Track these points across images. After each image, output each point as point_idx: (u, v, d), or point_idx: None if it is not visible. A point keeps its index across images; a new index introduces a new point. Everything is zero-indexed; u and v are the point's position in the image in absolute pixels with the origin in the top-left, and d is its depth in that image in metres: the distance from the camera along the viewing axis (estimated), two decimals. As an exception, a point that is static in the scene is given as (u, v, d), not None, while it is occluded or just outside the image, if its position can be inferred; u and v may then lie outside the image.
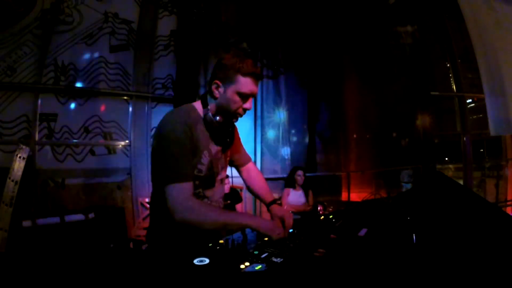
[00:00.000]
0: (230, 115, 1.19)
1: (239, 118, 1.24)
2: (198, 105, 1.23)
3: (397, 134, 5.31)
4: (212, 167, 1.24)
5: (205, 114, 1.18)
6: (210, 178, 1.25)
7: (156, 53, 4.36)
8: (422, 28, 4.87)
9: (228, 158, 1.40)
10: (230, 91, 1.13)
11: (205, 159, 1.20)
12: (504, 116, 3.32)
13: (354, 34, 5.08)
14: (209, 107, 1.19)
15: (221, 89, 1.15)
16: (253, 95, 1.17)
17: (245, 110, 1.18)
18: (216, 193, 1.30)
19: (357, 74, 5.30)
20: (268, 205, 1.42)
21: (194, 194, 1.14)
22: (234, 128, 1.34)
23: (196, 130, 1.15)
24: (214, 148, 1.23)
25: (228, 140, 1.28)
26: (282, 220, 1.24)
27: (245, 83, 1.12)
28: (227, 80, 1.13)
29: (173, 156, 1.08)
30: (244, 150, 1.56)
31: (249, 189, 1.55)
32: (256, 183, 1.53)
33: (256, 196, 1.52)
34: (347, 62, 5.30)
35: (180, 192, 1.06)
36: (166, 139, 1.10)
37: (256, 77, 1.15)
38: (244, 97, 1.15)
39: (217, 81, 1.15)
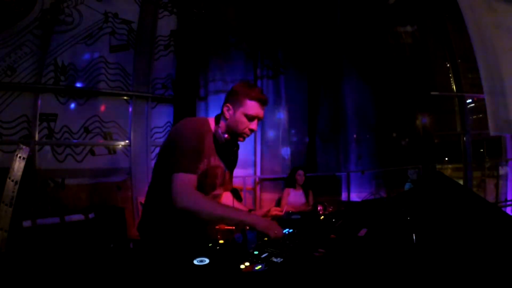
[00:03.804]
0: (238, 135, 1.33)
1: None
2: (211, 120, 1.38)
3: (397, 134, 5.30)
4: (206, 176, 1.31)
5: (216, 130, 1.33)
6: (201, 186, 1.29)
7: (156, 53, 4.36)
8: (422, 28, 4.86)
9: (227, 179, 1.47)
10: (239, 113, 1.29)
11: (203, 165, 1.29)
12: (504, 116, 3.32)
13: (354, 34, 5.08)
14: (220, 125, 1.34)
15: (231, 111, 1.31)
16: (258, 118, 1.32)
17: (251, 130, 1.32)
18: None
19: (357, 73, 5.30)
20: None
21: None
22: (237, 154, 1.47)
23: (204, 139, 1.29)
24: (214, 161, 1.34)
25: (230, 158, 1.41)
26: (268, 213, 1.38)
27: (252, 106, 1.29)
28: (237, 103, 1.30)
29: (184, 150, 1.20)
30: (232, 180, 1.61)
31: None
32: (228, 202, 1.54)
33: None
34: (347, 62, 5.29)
35: (185, 181, 1.16)
36: (180, 137, 1.24)
37: (262, 102, 1.31)
38: (251, 118, 1.30)
39: (228, 104, 1.32)
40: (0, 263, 2.17)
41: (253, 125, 1.31)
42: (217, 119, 1.36)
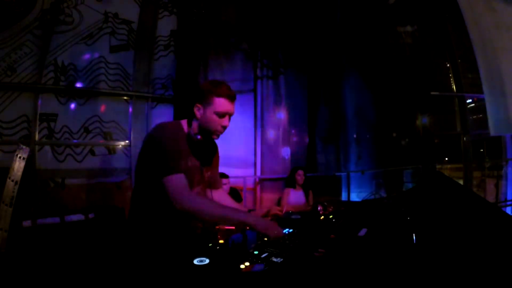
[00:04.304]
0: (210, 133, 1.35)
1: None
2: (184, 123, 1.39)
3: (397, 134, 5.30)
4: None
5: (189, 131, 1.35)
6: None
7: (156, 53, 4.36)
8: (422, 28, 4.86)
9: (205, 177, 1.49)
10: (209, 112, 1.31)
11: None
12: (504, 116, 3.32)
13: (354, 34, 5.08)
14: (192, 126, 1.37)
15: (201, 111, 1.33)
16: (229, 114, 1.33)
17: (223, 127, 1.34)
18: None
19: (357, 74, 5.30)
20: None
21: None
22: (215, 151, 1.51)
23: (179, 142, 1.32)
24: (191, 162, 1.37)
25: (206, 157, 1.44)
26: (268, 213, 1.39)
27: (221, 104, 1.30)
28: (206, 102, 1.31)
29: (170, 153, 1.24)
30: (219, 176, 1.65)
31: None
32: (229, 202, 1.59)
33: None
34: (347, 62, 5.29)
35: (178, 182, 1.20)
36: (163, 141, 1.26)
37: (230, 98, 1.32)
38: (221, 116, 1.31)
39: (198, 104, 1.33)
40: (0, 263, 2.17)
41: (225, 121, 1.33)
42: (190, 121, 1.38)
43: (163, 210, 1.24)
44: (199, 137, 1.35)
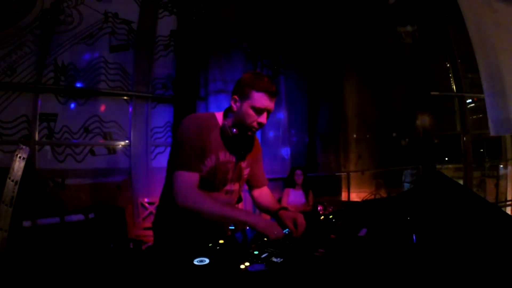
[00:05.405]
0: (245, 128, 1.27)
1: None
2: (219, 115, 1.34)
3: (397, 134, 5.31)
4: (215, 172, 1.29)
5: (223, 124, 1.28)
6: (212, 182, 1.30)
7: (156, 53, 4.36)
8: (422, 28, 4.87)
9: (243, 174, 1.42)
10: (246, 106, 1.22)
11: (210, 162, 1.28)
12: (504, 116, 3.32)
13: (354, 34, 5.08)
14: (227, 118, 1.31)
15: (238, 104, 1.24)
16: (267, 110, 1.24)
17: (259, 124, 1.25)
18: (220, 200, 1.32)
19: (357, 74, 5.30)
20: (277, 211, 1.38)
21: None
22: (253, 144, 1.40)
23: (209, 135, 1.26)
24: (224, 156, 1.30)
25: (242, 152, 1.36)
26: (294, 221, 1.24)
27: (259, 98, 1.21)
28: (243, 95, 1.23)
29: (185, 148, 1.21)
30: (263, 173, 1.56)
31: (257, 205, 1.55)
32: (266, 200, 1.53)
33: (264, 210, 1.51)
34: (347, 62, 5.29)
35: (185, 179, 1.19)
36: (182, 135, 1.24)
37: (270, 94, 1.22)
38: (258, 111, 1.23)
39: (235, 96, 1.25)
40: (0, 263, 2.17)
41: (262, 118, 1.24)
42: (226, 113, 1.32)
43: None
44: (234, 130, 1.27)
